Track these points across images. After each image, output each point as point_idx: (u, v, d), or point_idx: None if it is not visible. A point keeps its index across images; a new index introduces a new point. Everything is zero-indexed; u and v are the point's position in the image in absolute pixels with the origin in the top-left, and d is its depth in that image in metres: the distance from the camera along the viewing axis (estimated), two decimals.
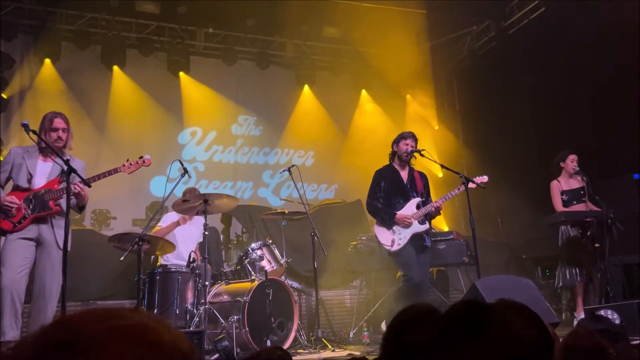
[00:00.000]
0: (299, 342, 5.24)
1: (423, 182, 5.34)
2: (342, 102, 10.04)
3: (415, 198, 5.20)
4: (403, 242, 5.04)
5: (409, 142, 5.24)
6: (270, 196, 9.40)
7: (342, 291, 7.00)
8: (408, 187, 5.25)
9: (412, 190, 5.25)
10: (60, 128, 4.23)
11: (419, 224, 5.09)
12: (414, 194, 5.25)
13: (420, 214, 5.10)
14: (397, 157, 5.30)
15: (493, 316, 0.94)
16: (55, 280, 4.04)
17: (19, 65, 8.10)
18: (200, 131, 9.23)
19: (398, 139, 5.34)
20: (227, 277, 5.51)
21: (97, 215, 7.91)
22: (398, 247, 5.04)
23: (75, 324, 0.59)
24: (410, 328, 0.85)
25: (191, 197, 5.21)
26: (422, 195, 5.26)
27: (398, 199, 5.20)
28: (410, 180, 5.29)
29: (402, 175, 5.29)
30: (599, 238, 5.62)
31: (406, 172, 5.31)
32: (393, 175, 5.29)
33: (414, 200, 5.18)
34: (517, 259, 7.60)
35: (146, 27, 8.60)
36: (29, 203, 4.09)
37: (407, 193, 5.22)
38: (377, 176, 5.34)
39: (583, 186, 5.90)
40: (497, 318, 0.95)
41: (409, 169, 5.34)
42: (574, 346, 1.74)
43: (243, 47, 9.25)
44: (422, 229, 5.09)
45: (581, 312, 5.56)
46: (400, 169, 5.31)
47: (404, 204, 5.17)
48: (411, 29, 8.64)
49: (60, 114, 4.32)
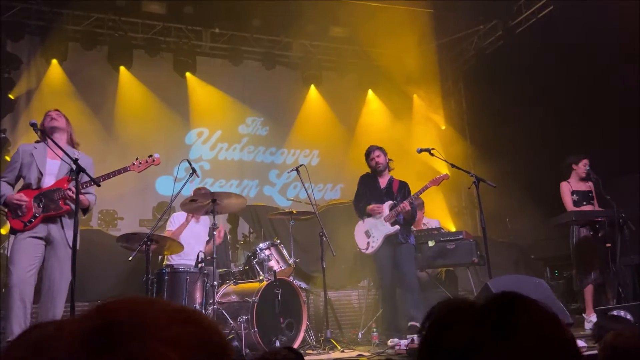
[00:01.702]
0: (308, 342, 5.21)
1: (400, 189, 5.74)
2: (348, 102, 10.01)
3: (388, 201, 5.60)
4: (376, 245, 5.45)
5: (373, 156, 5.76)
6: (277, 195, 9.38)
7: (350, 291, 6.97)
8: (384, 192, 5.69)
9: (388, 196, 5.67)
10: (53, 114, 4.30)
11: (390, 226, 5.48)
12: (388, 199, 5.64)
13: (392, 216, 5.49)
14: (371, 169, 5.82)
15: (524, 314, 0.91)
16: (63, 279, 4.03)
17: (26, 66, 8.11)
18: (207, 131, 9.23)
19: (366, 155, 5.86)
20: (235, 277, 5.49)
21: (104, 215, 7.91)
22: (372, 249, 5.48)
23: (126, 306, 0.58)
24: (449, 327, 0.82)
25: (199, 196, 5.18)
26: (395, 199, 5.63)
27: (373, 203, 5.62)
28: (388, 187, 5.73)
29: (381, 182, 5.76)
30: (610, 238, 5.57)
31: (385, 180, 5.78)
32: (371, 181, 5.79)
33: (387, 203, 5.58)
34: (526, 259, 7.56)
35: (152, 28, 8.60)
36: (39, 202, 4.07)
37: (382, 198, 5.65)
38: (360, 181, 5.90)
39: (592, 190, 5.90)
40: (527, 317, 0.92)
41: (389, 177, 5.79)
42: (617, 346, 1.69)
43: (249, 47, 9.24)
44: (393, 230, 5.46)
45: (591, 314, 5.51)
46: (379, 176, 5.79)
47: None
48: (418, 29, 8.60)
49: (55, 110, 4.40)
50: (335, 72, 9.91)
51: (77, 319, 0.58)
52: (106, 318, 0.58)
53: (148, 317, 0.59)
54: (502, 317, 0.87)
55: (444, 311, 0.84)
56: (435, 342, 0.82)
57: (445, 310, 0.85)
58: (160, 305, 0.62)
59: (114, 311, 0.58)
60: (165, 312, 0.61)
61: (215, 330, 0.63)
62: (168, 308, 0.62)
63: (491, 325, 0.85)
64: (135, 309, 0.59)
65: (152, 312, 0.60)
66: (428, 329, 0.84)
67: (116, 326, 0.57)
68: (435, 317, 0.85)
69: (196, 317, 0.63)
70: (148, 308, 0.59)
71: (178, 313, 0.62)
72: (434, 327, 0.83)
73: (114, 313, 0.58)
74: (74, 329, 0.56)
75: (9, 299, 3.91)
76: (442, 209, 9.11)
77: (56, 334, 0.57)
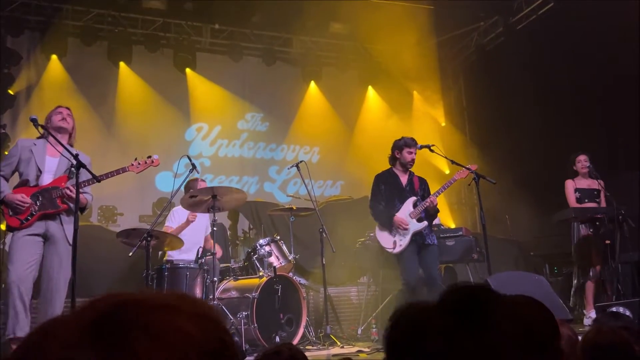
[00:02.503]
0: (307, 338, 5.23)
1: (421, 185, 5.38)
2: (348, 98, 10.00)
3: (411, 197, 5.22)
4: (404, 243, 5.04)
5: (412, 150, 5.26)
6: (277, 192, 9.38)
7: (349, 288, 6.97)
8: (407, 190, 5.29)
9: (410, 193, 5.27)
10: (64, 112, 4.25)
11: (417, 222, 5.10)
12: (410, 196, 5.26)
13: (418, 212, 5.12)
14: (400, 164, 5.30)
15: (496, 305, 0.92)
16: (62, 275, 4.02)
17: (25, 61, 8.09)
18: (206, 126, 9.22)
19: (401, 145, 5.29)
20: (235, 273, 5.49)
21: (103, 211, 7.91)
22: (400, 248, 5.05)
23: (134, 294, 0.59)
24: (422, 338, 0.84)
25: (198, 192, 5.16)
26: (417, 195, 5.28)
27: (396, 202, 5.23)
28: (409, 184, 5.32)
29: (402, 179, 5.32)
30: (610, 235, 5.58)
31: (406, 177, 5.34)
32: (392, 179, 5.32)
33: (410, 199, 5.19)
34: (526, 255, 7.57)
35: (152, 24, 8.59)
36: (36, 200, 4.05)
37: (406, 197, 5.24)
38: (377, 180, 5.38)
39: (599, 189, 5.85)
40: (500, 307, 0.93)
41: (409, 174, 5.37)
42: (597, 343, 1.70)
43: (249, 43, 9.23)
44: (421, 226, 5.09)
45: (591, 310, 5.52)
46: (401, 174, 5.34)
47: (401, 206, 5.20)
48: (418, 25, 8.58)
49: (67, 107, 4.36)
50: (335, 68, 9.90)
51: (87, 304, 0.59)
52: (118, 298, 0.59)
53: (161, 297, 0.60)
54: (470, 313, 0.87)
55: (410, 322, 0.86)
56: (412, 353, 0.83)
57: (411, 321, 0.87)
58: (167, 292, 0.63)
59: (124, 295, 0.59)
60: (174, 294, 0.62)
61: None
62: (179, 294, 0.63)
63: (462, 323, 0.86)
64: (148, 292, 0.60)
65: (163, 294, 0.61)
66: (400, 340, 0.86)
67: (131, 303, 0.57)
68: (405, 329, 0.86)
69: (207, 305, 0.65)
70: (159, 293, 0.61)
71: (189, 298, 0.63)
72: (407, 338, 0.85)
73: (126, 295, 0.59)
74: (84, 311, 0.57)
75: (8, 296, 3.91)
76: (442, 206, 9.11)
77: (65, 319, 0.58)
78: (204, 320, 0.59)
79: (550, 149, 7.04)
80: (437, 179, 9.37)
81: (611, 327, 1.75)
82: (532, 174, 7.79)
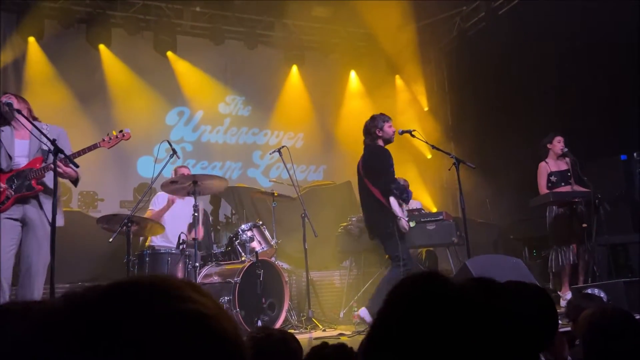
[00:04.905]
0: (290, 322, 5.28)
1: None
2: (331, 83, 9.97)
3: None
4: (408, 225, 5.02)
5: (391, 123, 5.17)
6: (260, 177, 9.36)
7: (332, 272, 7.03)
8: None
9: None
10: (3, 100, 4.11)
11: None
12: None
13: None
14: (383, 140, 5.13)
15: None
16: (41, 260, 3.98)
17: (2, 44, 7.90)
18: (188, 111, 9.14)
19: (380, 122, 5.14)
20: (217, 259, 5.50)
21: (84, 197, 7.83)
22: (408, 227, 5.00)
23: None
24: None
25: (179, 178, 5.15)
26: None
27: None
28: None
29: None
30: (586, 218, 5.68)
31: None
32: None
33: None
34: (505, 239, 7.68)
35: (132, 6, 8.42)
36: (11, 184, 4.00)
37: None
38: (388, 155, 5.05)
39: (568, 169, 5.94)
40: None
41: None
42: (596, 323, 1.73)
43: (231, 26, 9.11)
44: (417, 205, 5.16)
45: (567, 292, 5.63)
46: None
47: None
48: (400, 10, 8.55)
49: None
50: (318, 52, 9.85)
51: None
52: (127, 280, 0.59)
53: (172, 281, 0.63)
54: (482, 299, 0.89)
55: (429, 309, 0.84)
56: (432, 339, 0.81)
57: (427, 308, 0.85)
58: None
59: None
60: (185, 283, 0.64)
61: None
62: (186, 281, 0.66)
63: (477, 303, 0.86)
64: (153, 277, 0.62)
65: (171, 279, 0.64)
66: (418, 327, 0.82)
67: (143, 281, 0.58)
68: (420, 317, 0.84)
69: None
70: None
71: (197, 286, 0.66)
72: (425, 325, 0.82)
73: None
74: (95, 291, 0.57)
75: None
76: (422, 190, 9.19)
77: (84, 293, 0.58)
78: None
79: (531, 134, 7.11)
80: (420, 163, 9.45)
81: (605, 308, 1.79)
82: (512, 158, 7.86)
